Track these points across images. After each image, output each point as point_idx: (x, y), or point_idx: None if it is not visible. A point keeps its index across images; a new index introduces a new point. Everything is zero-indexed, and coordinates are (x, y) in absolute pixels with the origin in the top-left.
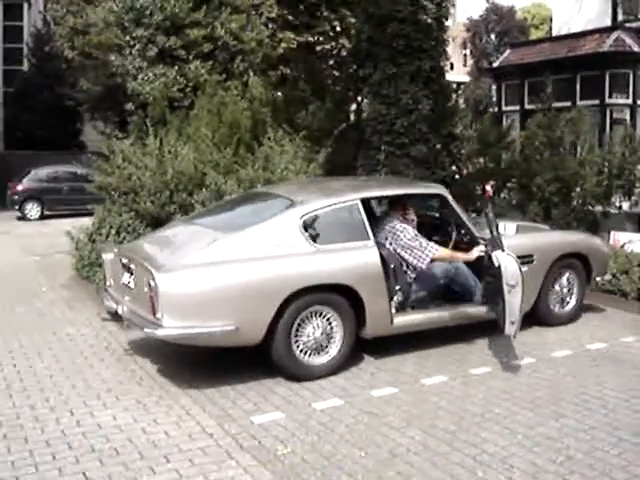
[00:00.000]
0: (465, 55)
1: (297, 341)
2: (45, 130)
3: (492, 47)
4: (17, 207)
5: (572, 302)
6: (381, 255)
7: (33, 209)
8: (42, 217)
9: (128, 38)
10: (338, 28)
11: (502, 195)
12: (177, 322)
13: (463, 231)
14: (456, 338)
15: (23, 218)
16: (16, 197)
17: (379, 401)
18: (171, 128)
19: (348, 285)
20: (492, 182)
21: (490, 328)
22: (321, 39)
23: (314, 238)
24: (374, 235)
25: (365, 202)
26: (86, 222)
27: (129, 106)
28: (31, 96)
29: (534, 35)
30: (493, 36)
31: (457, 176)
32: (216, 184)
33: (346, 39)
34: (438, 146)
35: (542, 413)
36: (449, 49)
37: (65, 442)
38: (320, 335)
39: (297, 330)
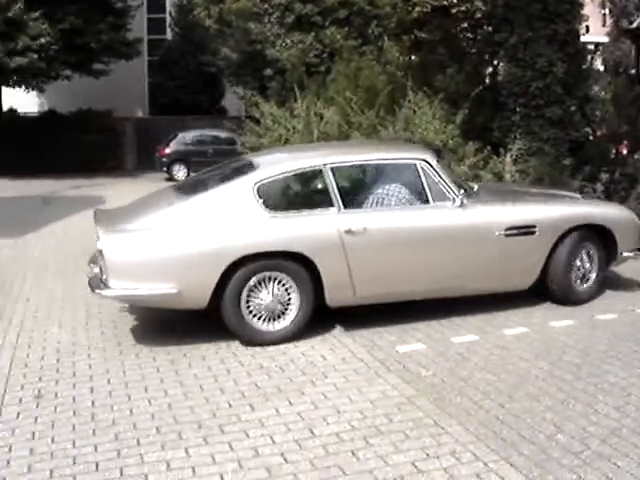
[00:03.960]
0: (604, 15)
1: (249, 306)
2: (188, 96)
3: (633, 5)
4: (165, 169)
5: (591, 279)
6: None
7: (180, 171)
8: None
9: (266, 6)
10: None
11: (635, 157)
12: (121, 283)
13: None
14: None
15: (171, 179)
16: (164, 159)
17: (511, 338)
18: (309, 92)
19: (301, 253)
20: (626, 143)
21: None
22: (455, 1)
23: (269, 205)
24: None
25: (341, 169)
26: None
27: (268, 72)
28: (175, 64)
29: None
30: None
31: (591, 137)
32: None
33: (480, 1)
34: (572, 108)
35: None
36: (586, 9)
37: (237, 361)
38: (272, 302)
39: (249, 296)
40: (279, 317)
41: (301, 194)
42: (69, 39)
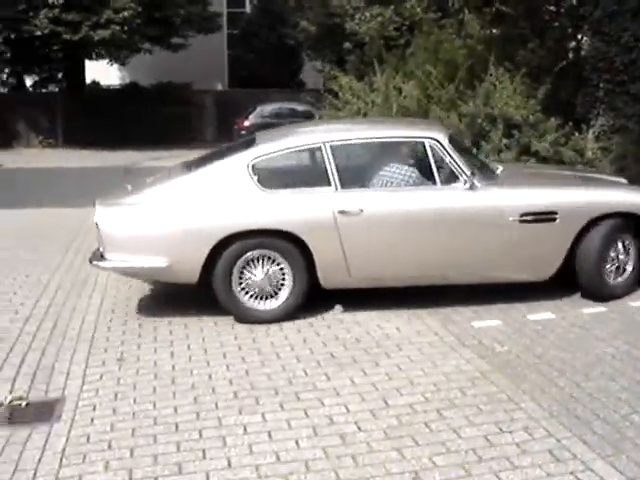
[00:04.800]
0: None
1: (241, 283)
2: (267, 69)
3: None
4: None
5: (627, 271)
6: None
7: None
8: None
9: None
10: None
11: None
12: (115, 255)
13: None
14: None
15: None
16: (243, 132)
17: (588, 317)
18: (388, 66)
19: (291, 232)
20: None
21: None
22: None
23: (264, 182)
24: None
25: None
26: None
27: (346, 45)
28: (254, 37)
29: None
30: None
31: None
32: (439, 118)
33: None
34: None
35: None
36: None
37: (313, 331)
38: (263, 280)
39: (241, 273)
40: (272, 296)
41: (298, 172)
42: (150, 13)
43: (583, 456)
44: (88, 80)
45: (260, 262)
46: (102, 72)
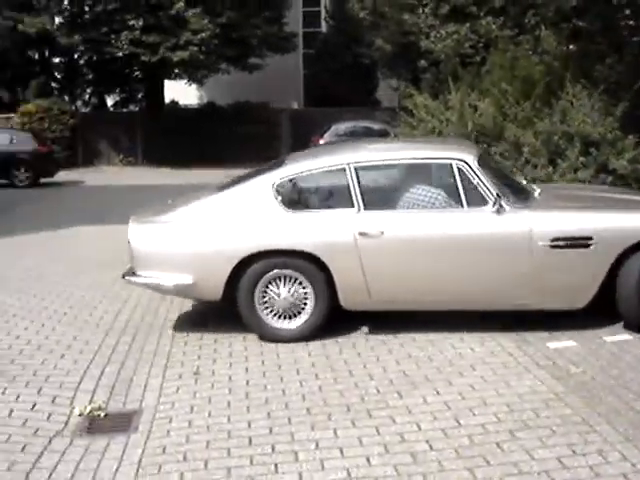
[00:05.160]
0: None
1: (264, 303)
2: (342, 88)
3: None
4: None
5: None
6: None
7: None
8: None
9: None
10: None
11: None
12: (145, 271)
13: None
14: None
15: None
16: None
17: None
18: (463, 84)
19: (312, 253)
20: None
21: None
22: None
23: (288, 203)
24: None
25: (364, 167)
26: None
27: (422, 63)
28: (330, 56)
29: None
30: None
31: None
32: (515, 136)
33: None
34: None
35: None
36: None
37: (386, 349)
38: (285, 300)
39: (264, 292)
40: (295, 316)
41: (322, 193)
42: (227, 34)
43: None
44: (167, 100)
45: (283, 281)
46: (181, 92)
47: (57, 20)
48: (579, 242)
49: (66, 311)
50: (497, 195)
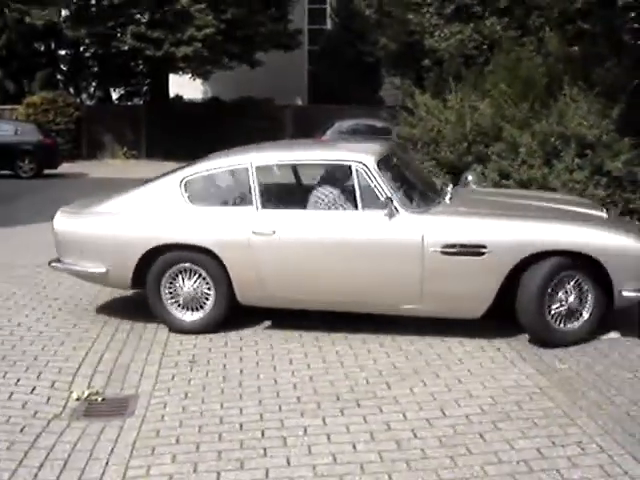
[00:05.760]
0: None
1: (170, 294)
2: (347, 85)
3: None
4: None
5: (583, 317)
6: None
7: None
8: None
9: None
10: None
11: None
12: (66, 259)
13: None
14: None
15: None
16: None
17: None
18: (466, 84)
19: (209, 249)
20: None
21: None
22: None
23: (194, 199)
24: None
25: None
26: None
27: (425, 63)
28: (334, 53)
29: None
30: None
31: None
32: (511, 136)
33: None
34: None
35: None
36: None
37: (378, 341)
38: (189, 292)
39: (170, 284)
40: (198, 308)
41: (225, 191)
42: (231, 30)
43: (634, 472)
44: (172, 94)
45: (187, 275)
46: (185, 86)
47: (64, 13)
48: (472, 250)
49: (66, 300)
50: (388, 198)
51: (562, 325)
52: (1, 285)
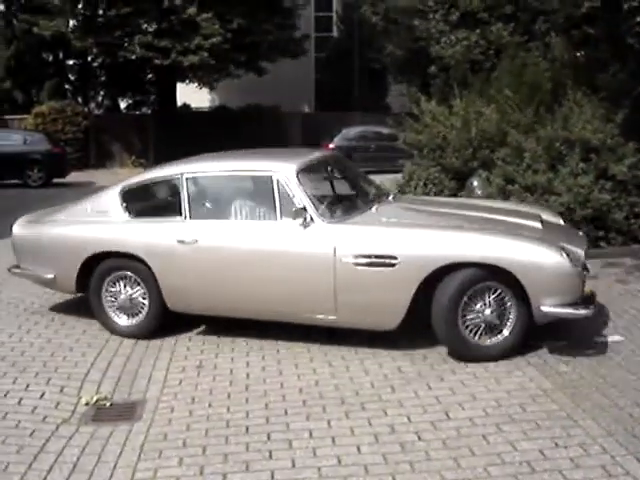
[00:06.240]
0: None
1: (110, 300)
2: (353, 92)
3: None
4: None
5: (505, 332)
6: None
7: None
8: None
9: (431, 3)
10: None
11: None
12: (23, 265)
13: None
14: None
15: None
16: None
17: None
18: (472, 90)
19: (140, 257)
20: None
21: None
22: None
23: (131, 209)
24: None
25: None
26: (391, 178)
27: (432, 69)
28: (341, 61)
29: None
30: None
31: None
32: (516, 141)
33: None
34: None
35: None
36: None
37: (383, 345)
38: (125, 299)
39: (110, 290)
40: (136, 314)
41: (158, 201)
42: (238, 38)
43: (636, 472)
44: (179, 103)
45: (125, 282)
46: (193, 95)
47: (71, 23)
48: (383, 261)
49: (75, 308)
50: (303, 208)
51: (480, 339)
52: (12, 293)
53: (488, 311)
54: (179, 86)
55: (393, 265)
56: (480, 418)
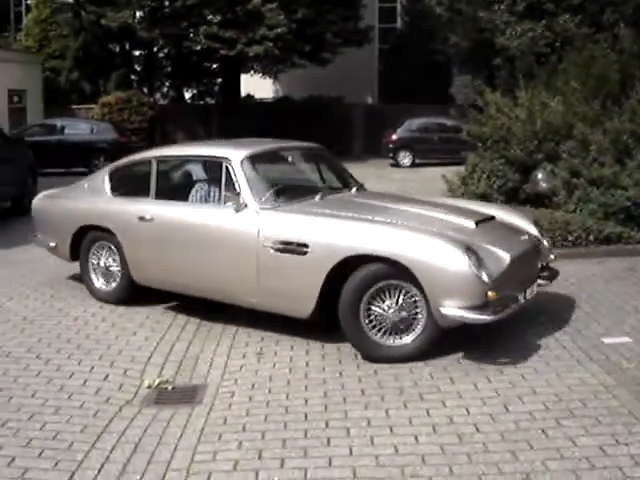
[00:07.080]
0: None
1: (93, 267)
2: (417, 83)
3: None
4: (391, 155)
5: (414, 333)
6: None
7: (405, 157)
8: (413, 165)
9: None
10: None
11: None
12: (39, 235)
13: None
14: None
15: (396, 165)
16: (390, 146)
17: None
18: (538, 82)
19: (112, 230)
20: None
21: None
22: None
23: (115, 188)
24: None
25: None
26: (454, 170)
27: (497, 60)
28: (404, 52)
29: None
30: None
31: None
32: (583, 134)
33: None
34: None
35: None
36: None
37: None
38: (103, 266)
39: (93, 259)
40: (111, 282)
41: (134, 182)
42: (302, 29)
43: None
44: (243, 93)
45: (104, 252)
46: (257, 86)
47: (138, 14)
48: (296, 248)
49: (140, 294)
50: (237, 194)
51: (385, 338)
52: (78, 277)
53: (392, 310)
54: (243, 77)
55: (305, 253)
56: (540, 412)
